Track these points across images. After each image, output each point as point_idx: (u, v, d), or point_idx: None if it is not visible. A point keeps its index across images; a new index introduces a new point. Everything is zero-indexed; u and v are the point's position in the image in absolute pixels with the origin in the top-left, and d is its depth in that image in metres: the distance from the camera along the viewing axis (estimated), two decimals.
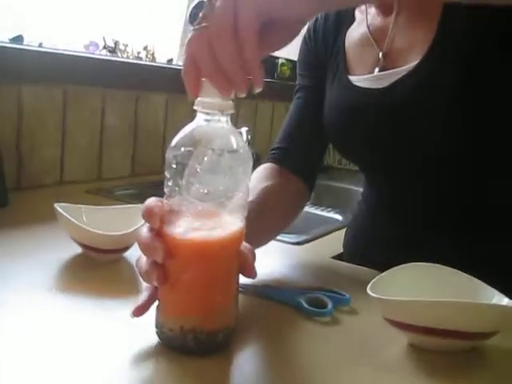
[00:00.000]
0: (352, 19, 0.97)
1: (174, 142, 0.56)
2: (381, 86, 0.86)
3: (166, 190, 0.57)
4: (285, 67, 2.25)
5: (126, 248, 0.84)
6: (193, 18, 0.54)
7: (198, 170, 0.54)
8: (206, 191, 0.55)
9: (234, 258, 0.59)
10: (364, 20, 0.94)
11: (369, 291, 0.63)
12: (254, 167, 0.83)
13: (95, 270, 0.81)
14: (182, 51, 1.97)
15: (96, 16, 1.67)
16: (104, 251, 0.82)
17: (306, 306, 0.70)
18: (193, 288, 0.56)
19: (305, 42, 1.04)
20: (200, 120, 0.56)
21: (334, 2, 0.60)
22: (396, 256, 0.75)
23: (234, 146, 0.56)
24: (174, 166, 0.55)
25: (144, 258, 0.59)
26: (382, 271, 0.70)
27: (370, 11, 0.93)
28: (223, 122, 0.56)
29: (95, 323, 0.64)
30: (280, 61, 2.27)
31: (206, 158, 0.54)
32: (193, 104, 0.56)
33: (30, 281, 0.74)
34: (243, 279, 0.61)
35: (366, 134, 0.89)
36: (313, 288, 0.76)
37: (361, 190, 1.07)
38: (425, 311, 0.61)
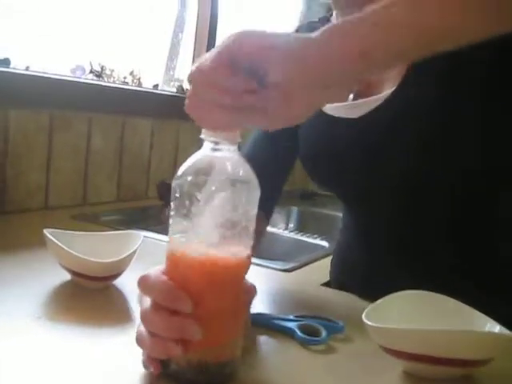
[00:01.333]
0: None
1: (180, 171, 0.56)
2: (355, 116, 0.84)
3: (170, 219, 0.57)
4: None
5: (117, 275, 0.83)
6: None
7: (204, 199, 0.54)
8: (212, 221, 0.54)
9: (242, 285, 0.59)
10: None
11: (364, 319, 0.63)
12: None
13: (85, 297, 0.80)
14: (167, 76, 1.98)
15: (83, 40, 1.67)
16: (94, 278, 0.80)
17: (300, 334, 0.70)
18: (209, 319, 0.55)
19: None
20: (207, 149, 0.56)
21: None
22: (377, 284, 0.74)
23: (241, 176, 0.55)
24: (179, 195, 0.55)
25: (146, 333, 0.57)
26: (369, 298, 0.70)
27: None
28: (230, 151, 0.56)
29: (86, 352, 0.63)
30: None
31: (212, 188, 0.54)
32: (178, 130, 0.56)
33: (19, 309, 0.73)
34: None
35: (340, 164, 0.87)
36: (306, 316, 0.76)
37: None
38: (419, 339, 0.61)
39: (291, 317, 0.75)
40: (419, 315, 0.69)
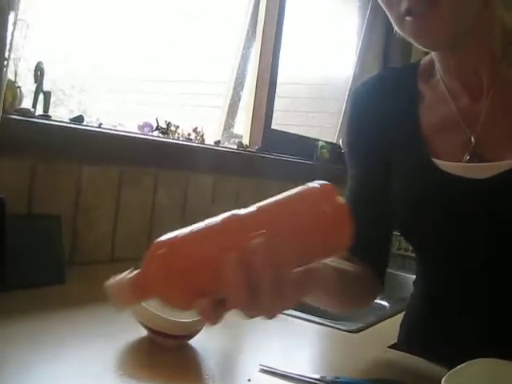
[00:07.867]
0: (413, 97, 0.91)
1: None
2: (477, 177, 0.82)
3: None
4: (324, 150, 2.29)
5: (193, 334, 0.84)
6: None
7: None
8: None
9: None
10: (446, 100, 0.88)
11: None
12: None
13: (162, 355, 0.81)
14: (227, 133, 2.03)
15: (149, 98, 1.75)
16: (171, 337, 0.82)
17: None
18: None
19: (358, 124, 0.98)
20: None
21: None
22: (447, 350, 0.74)
23: None
24: None
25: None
26: (439, 363, 0.71)
27: (453, 90, 0.88)
28: None
29: None
30: (320, 143, 2.31)
31: None
32: (238, 185, 0.59)
33: (99, 366, 0.75)
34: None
35: (455, 224, 0.84)
36: (376, 379, 0.76)
37: (400, 273, 1.06)
38: None
39: (364, 380, 0.76)
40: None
